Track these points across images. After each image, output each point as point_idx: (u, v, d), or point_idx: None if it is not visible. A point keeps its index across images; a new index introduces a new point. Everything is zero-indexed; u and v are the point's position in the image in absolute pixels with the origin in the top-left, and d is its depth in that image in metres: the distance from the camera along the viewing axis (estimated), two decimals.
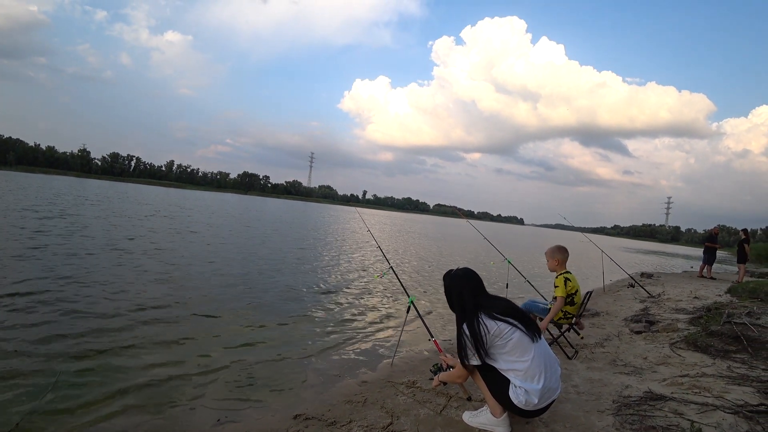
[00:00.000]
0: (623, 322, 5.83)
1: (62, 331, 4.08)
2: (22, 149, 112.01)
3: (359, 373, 3.87)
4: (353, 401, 3.07)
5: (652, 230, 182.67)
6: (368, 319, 5.72)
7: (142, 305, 5.12)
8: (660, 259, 30.26)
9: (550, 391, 2.37)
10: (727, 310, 5.31)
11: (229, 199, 66.97)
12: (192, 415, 2.92)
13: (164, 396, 3.12)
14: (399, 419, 2.72)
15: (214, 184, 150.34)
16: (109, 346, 3.86)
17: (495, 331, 2.32)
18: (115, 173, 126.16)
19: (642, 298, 7.97)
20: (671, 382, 3.34)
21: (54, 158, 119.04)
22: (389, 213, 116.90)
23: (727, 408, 2.74)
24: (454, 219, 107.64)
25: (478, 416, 2.58)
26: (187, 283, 6.62)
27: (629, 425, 2.56)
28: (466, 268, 2.62)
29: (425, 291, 8.06)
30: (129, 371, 3.44)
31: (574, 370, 3.66)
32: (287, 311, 5.67)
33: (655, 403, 2.87)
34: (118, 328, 4.33)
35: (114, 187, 53.66)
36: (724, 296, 7.82)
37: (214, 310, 5.32)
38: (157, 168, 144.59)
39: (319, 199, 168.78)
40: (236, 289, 6.57)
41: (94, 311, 4.73)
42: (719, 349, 4.11)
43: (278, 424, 2.77)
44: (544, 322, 3.96)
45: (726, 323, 4.64)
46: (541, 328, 3.92)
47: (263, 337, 4.59)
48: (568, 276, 4.02)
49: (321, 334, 4.90)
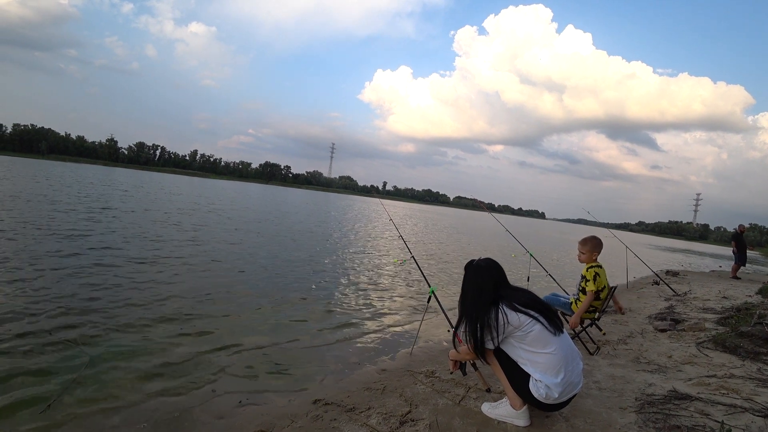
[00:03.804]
0: (647, 319, 5.70)
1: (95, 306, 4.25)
2: (53, 139, 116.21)
3: (378, 361, 3.90)
4: (372, 388, 3.10)
5: (679, 227, 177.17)
6: (388, 308, 5.75)
7: (170, 292, 5.27)
8: (687, 257, 29.34)
9: (571, 385, 2.34)
10: (758, 311, 5.12)
11: (253, 188, 68.00)
12: (214, 396, 3.00)
13: (187, 377, 3.21)
14: (417, 408, 2.73)
15: (236, 173, 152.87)
16: (136, 327, 4.00)
17: (515, 322, 2.30)
18: (141, 162, 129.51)
19: (667, 296, 7.76)
20: (697, 382, 3.25)
21: (83, 147, 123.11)
22: (409, 204, 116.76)
23: (757, 411, 2.65)
24: (474, 211, 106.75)
25: (497, 408, 2.57)
26: (215, 269, 6.77)
27: (652, 423, 2.51)
28: (489, 258, 2.59)
29: (446, 281, 8.04)
30: (153, 352, 3.56)
31: (595, 366, 3.61)
32: (309, 298, 5.75)
33: (680, 402, 2.80)
34: (146, 311, 4.47)
35: (144, 177, 55.09)
36: (754, 297, 7.53)
37: (235, 294, 5.44)
38: (181, 157, 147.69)
39: (339, 190, 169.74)
40: (260, 275, 6.70)
41: (123, 294, 4.91)
42: (749, 350, 3.98)
43: (298, 408, 2.82)
44: (575, 317, 3.87)
45: (757, 324, 4.47)
46: (572, 324, 3.88)
47: (284, 322, 4.67)
48: (599, 271, 3.90)
49: (341, 321, 4.95)
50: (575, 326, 3.93)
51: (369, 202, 66.25)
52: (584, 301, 3.84)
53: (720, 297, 7.59)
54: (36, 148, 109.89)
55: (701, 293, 8.14)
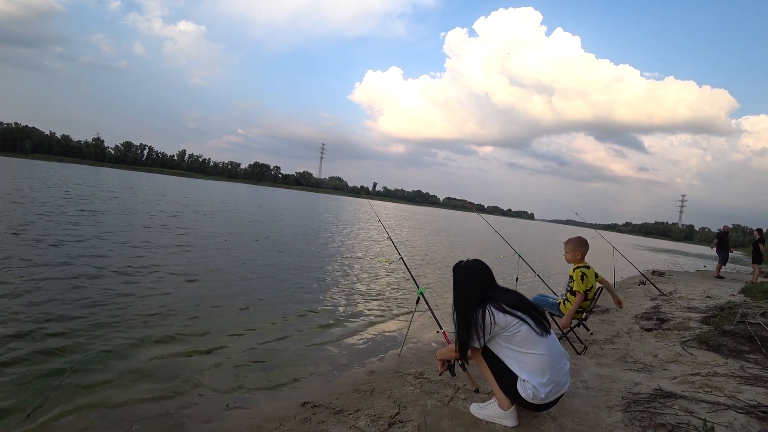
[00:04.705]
0: (633, 319, 5.77)
1: (78, 313, 4.17)
2: (38, 137, 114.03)
3: (367, 362, 3.89)
4: (361, 390, 3.09)
5: (665, 228, 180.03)
6: (377, 310, 5.74)
7: (155, 295, 5.20)
8: (672, 257, 29.83)
9: (558, 385, 2.36)
10: (741, 309, 5.22)
11: (241, 189, 67.45)
12: (200, 400, 2.96)
13: (173, 382, 3.16)
14: (406, 409, 2.73)
15: (225, 174, 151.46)
16: (122, 331, 3.93)
17: (502, 323, 2.32)
18: (128, 162, 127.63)
19: (653, 296, 7.87)
20: (682, 380, 3.30)
21: (69, 147, 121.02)
22: (399, 205, 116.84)
23: (740, 408, 2.70)
24: (464, 212, 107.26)
25: (485, 408, 2.57)
26: (199, 272, 6.69)
27: (638, 422, 2.54)
28: (477, 260, 2.60)
29: (434, 283, 8.05)
30: (139, 356, 3.50)
31: (583, 366, 3.64)
32: (296, 300, 5.71)
33: (666, 400, 2.84)
34: (134, 312, 4.41)
35: (130, 177, 54.33)
36: (737, 296, 7.68)
37: (225, 298, 5.38)
38: (169, 157, 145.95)
39: (330, 191, 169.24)
40: (247, 278, 6.63)
41: (108, 293, 4.83)
42: (732, 348, 4.05)
43: (286, 411, 2.79)
44: (566, 318, 3.88)
45: (740, 323, 4.55)
46: (563, 324, 3.90)
47: (271, 324, 4.63)
48: (585, 271, 3.92)
49: (329, 323, 4.92)
50: (566, 327, 3.95)
51: (359, 203, 66.16)
52: (574, 302, 3.86)
53: (704, 296, 7.72)
54: (19, 147, 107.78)
55: (686, 293, 8.28)
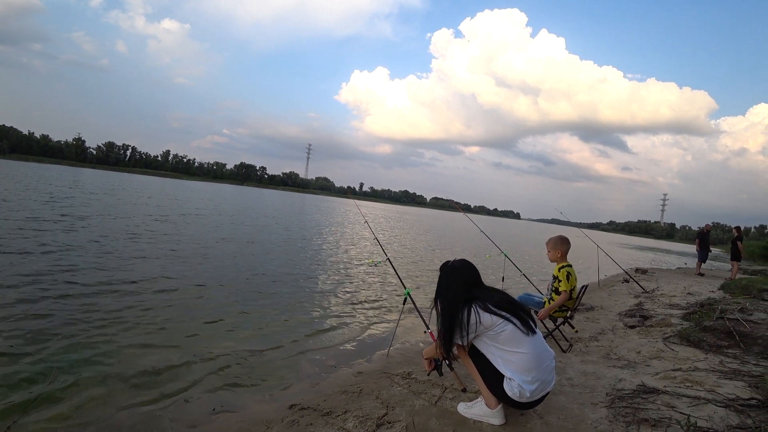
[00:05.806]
0: (617, 316, 5.88)
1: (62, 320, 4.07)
2: (15, 137, 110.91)
3: (355, 363, 3.88)
4: (348, 391, 3.08)
5: (648, 227, 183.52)
6: (364, 311, 5.73)
7: (139, 300, 5.11)
8: (655, 255, 30.46)
9: (544, 383, 2.38)
10: (720, 306, 5.36)
11: (227, 190, 66.70)
12: (186, 404, 2.91)
13: (158, 387, 3.11)
14: (394, 410, 2.73)
15: (210, 174, 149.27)
16: (105, 335, 3.86)
17: (487, 322, 2.33)
18: (110, 163, 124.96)
19: (636, 294, 8.02)
20: (664, 375, 3.37)
21: (48, 147, 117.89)
22: (386, 206, 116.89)
23: (719, 402, 2.77)
24: (450, 212, 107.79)
25: (473, 407, 2.59)
26: (182, 276, 6.60)
27: (622, 417, 2.58)
28: (464, 260, 2.62)
29: (421, 283, 8.08)
30: (123, 361, 3.44)
31: (568, 363, 3.69)
32: (282, 302, 5.67)
33: (648, 396, 2.89)
34: (116, 316, 4.32)
35: (111, 178, 53.30)
36: (717, 293, 7.88)
37: (208, 301, 5.32)
38: (152, 158, 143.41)
39: (316, 191, 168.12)
40: (232, 279, 6.57)
41: (93, 299, 4.73)
42: (712, 344, 4.15)
43: (274, 413, 2.77)
44: (543, 311, 3.94)
45: (719, 319, 4.67)
46: (540, 316, 3.95)
47: (257, 326, 4.60)
48: (570, 270, 3.97)
49: (316, 324, 4.90)
50: (543, 318, 4.01)
51: (346, 203, 65.98)
52: (558, 300, 3.92)
53: (685, 293, 7.91)
54: None
55: (668, 290, 8.46)
